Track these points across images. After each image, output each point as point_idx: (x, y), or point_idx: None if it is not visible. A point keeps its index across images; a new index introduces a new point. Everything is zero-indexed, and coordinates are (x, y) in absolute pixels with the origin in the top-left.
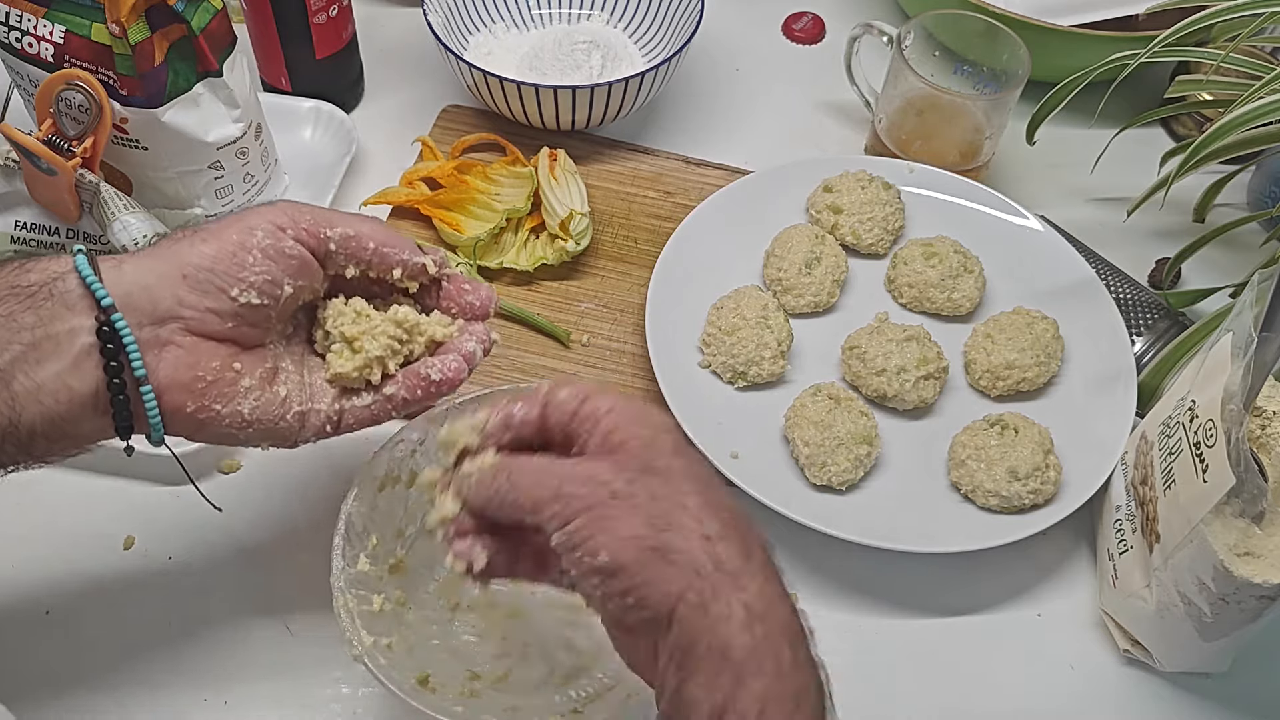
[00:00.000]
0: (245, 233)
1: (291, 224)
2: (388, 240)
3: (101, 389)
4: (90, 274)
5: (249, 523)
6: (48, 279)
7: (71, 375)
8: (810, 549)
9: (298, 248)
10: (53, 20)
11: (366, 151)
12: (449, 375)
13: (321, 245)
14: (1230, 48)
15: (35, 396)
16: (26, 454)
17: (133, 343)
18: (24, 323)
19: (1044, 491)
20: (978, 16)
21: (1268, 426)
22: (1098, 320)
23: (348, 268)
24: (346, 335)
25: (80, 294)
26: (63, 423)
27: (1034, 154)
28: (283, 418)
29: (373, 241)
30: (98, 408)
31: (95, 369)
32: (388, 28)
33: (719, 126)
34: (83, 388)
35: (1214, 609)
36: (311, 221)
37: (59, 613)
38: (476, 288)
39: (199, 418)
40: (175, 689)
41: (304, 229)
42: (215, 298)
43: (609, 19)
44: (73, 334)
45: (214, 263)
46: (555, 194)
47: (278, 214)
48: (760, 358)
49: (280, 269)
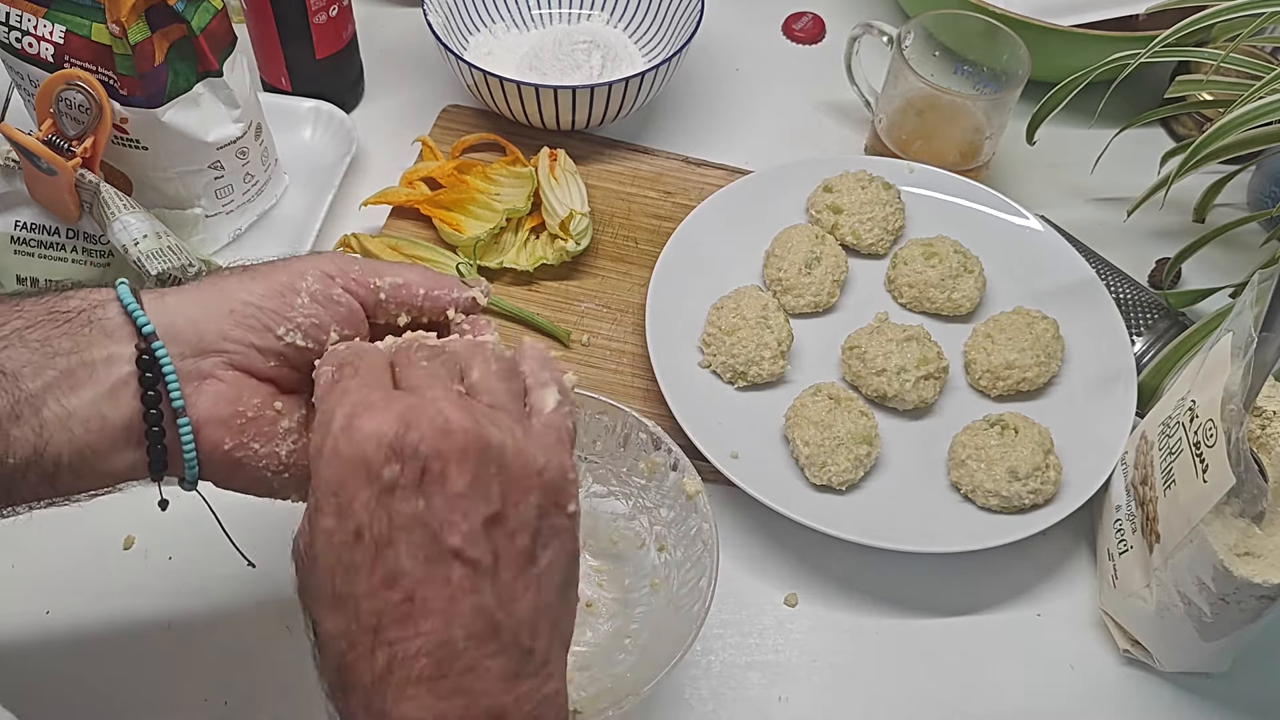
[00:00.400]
0: (295, 276)
1: (340, 274)
2: (436, 284)
3: (136, 420)
4: (132, 301)
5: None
6: (88, 306)
7: (106, 403)
8: (810, 549)
9: (346, 296)
10: (53, 20)
11: (366, 151)
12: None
13: (371, 296)
14: (1230, 48)
15: (65, 424)
16: (50, 487)
17: (172, 372)
18: (60, 348)
19: (1044, 491)
20: (978, 16)
21: (1268, 426)
22: (1098, 320)
23: (399, 315)
24: None
25: (121, 321)
26: (91, 454)
27: (1034, 154)
28: None
29: (422, 288)
30: (130, 440)
31: (131, 398)
32: (388, 28)
33: (719, 126)
34: (116, 417)
35: (1214, 609)
36: (360, 272)
37: (59, 613)
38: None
39: (235, 456)
40: (175, 689)
41: (353, 279)
42: (261, 335)
43: (609, 19)
44: (110, 361)
45: (263, 300)
46: (555, 194)
47: (326, 263)
48: (760, 358)
49: (328, 315)
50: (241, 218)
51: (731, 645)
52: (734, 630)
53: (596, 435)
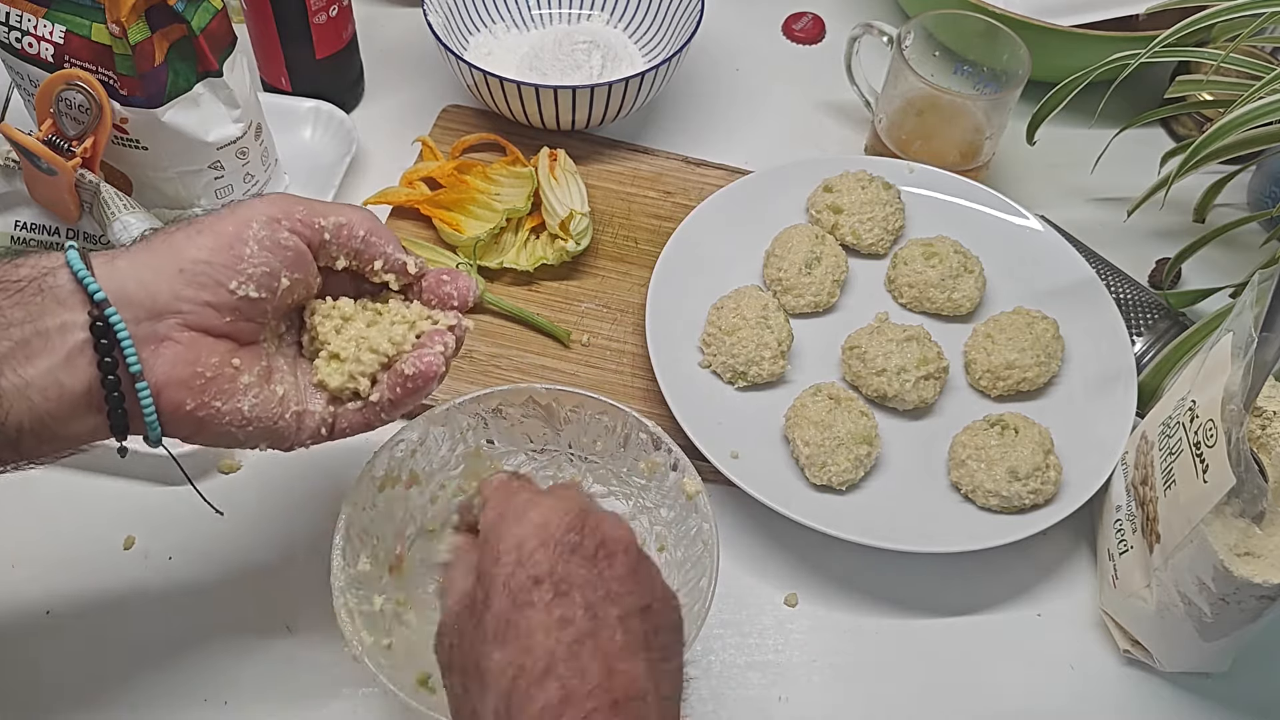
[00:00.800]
0: (241, 225)
1: (286, 215)
2: (375, 229)
3: (95, 386)
4: (82, 268)
5: (249, 523)
6: (38, 274)
7: (63, 372)
8: (810, 549)
9: (293, 239)
10: (53, 20)
11: (366, 151)
12: (422, 369)
13: (316, 236)
14: (1230, 48)
15: (24, 394)
16: (15, 453)
17: (128, 338)
18: (13, 318)
19: (1044, 491)
20: (978, 16)
21: (1268, 426)
22: (1098, 320)
23: (339, 258)
24: (332, 351)
25: (72, 289)
26: (53, 421)
27: (1034, 154)
28: (281, 416)
29: (362, 230)
30: (91, 406)
31: (89, 365)
32: (388, 28)
33: (719, 126)
34: (75, 385)
35: (1214, 609)
36: (305, 212)
37: (59, 613)
38: (455, 277)
39: (198, 415)
40: (175, 689)
41: (299, 219)
42: (213, 291)
43: (609, 19)
44: (64, 329)
45: (211, 255)
46: (555, 194)
47: (271, 206)
48: (760, 358)
49: (278, 260)
50: None
51: (731, 645)
52: (734, 630)
53: (597, 435)
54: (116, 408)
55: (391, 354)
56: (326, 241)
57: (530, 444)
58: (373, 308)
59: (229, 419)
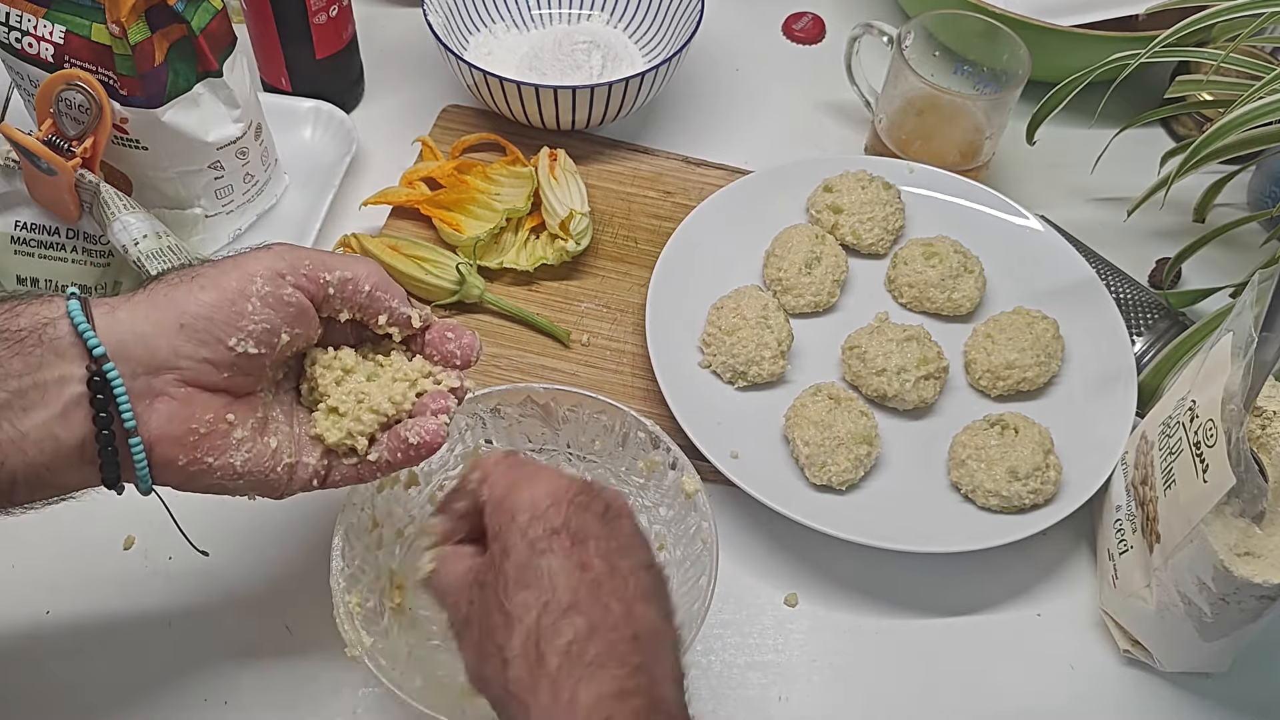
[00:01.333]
0: (244, 280)
1: (291, 269)
2: (380, 284)
3: (89, 440)
4: (83, 320)
5: (249, 523)
6: (38, 324)
7: (58, 425)
8: (810, 549)
9: (296, 294)
10: (53, 20)
11: (366, 151)
12: (427, 439)
13: (321, 290)
14: (1230, 48)
15: (19, 445)
16: (7, 500)
17: (124, 393)
18: (11, 369)
19: (1044, 491)
20: (978, 16)
21: (1268, 426)
22: (1098, 320)
23: (341, 311)
24: (331, 405)
25: (71, 341)
26: (46, 472)
27: (1034, 154)
28: (273, 469)
29: (368, 285)
30: (84, 458)
31: (84, 418)
32: (388, 28)
33: (719, 126)
34: (69, 438)
35: (1214, 609)
36: (310, 266)
37: (59, 613)
38: (459, 335)
39: (189, 470)
40: (175, 689)
41: (304, 274)
42: (212, 348)
43: (609, 19)
44: (62, 382)
45: (213, 311)
46: (555, 194)
47: (276, 259)
48: (760, 358)
49: (279, 317)
50: (241, 218)
51: (731, 645)
52: (734, 630)
53: (595, 434)
54: (110, 461)
55: (391, 414)
56: (331, 295)
57: (528, 443)
58: (374, 359)
59: (220, 473)
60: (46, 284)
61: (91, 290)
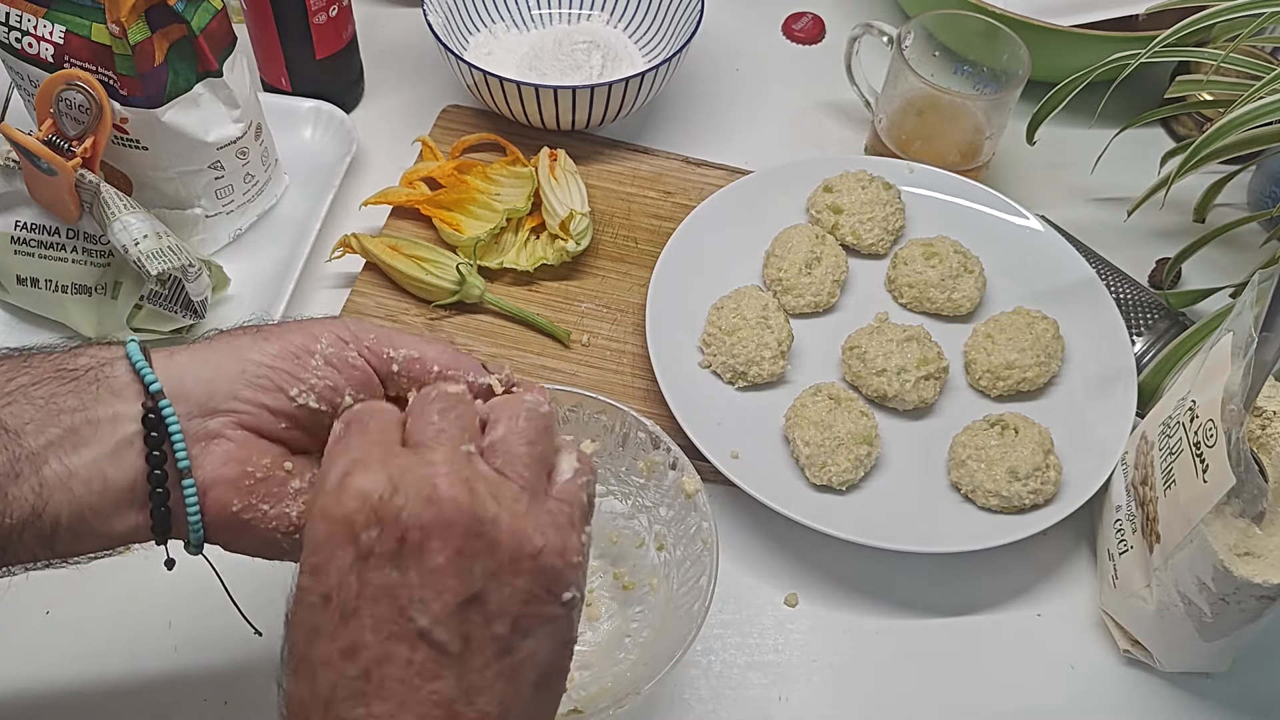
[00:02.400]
0: (309, 338)
1: (354, 339)
2: (454, 363)
3: (140, 480)
4: (141, 359)
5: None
6: (96, 364)
7: (109, 463)
8: (810, 549)
9: (362, 360)
10: (53, 20)
11: (366, 151)
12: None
13: (385, 366)
14: (1230, 48)
15: (66, 483)
16: (49, 549)
17: (178, 432)
18: (64, 405)
19: (1044, 491)
20: (978, 16)
21: (1268, 426)
22: (1098, 320)
23: (410, 390)
24: None
25: (129, 380)
26: (92, 515)
27: (1034, 154)
28: None
29: (438, 365)
30: (133, 502)
31: (136, 458)
32: (388, 28)
33: (719, 126)
34: (119, 477)
35: (1214, 609)
36: (375, 341)
37: (59, 613)
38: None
39: (244, 518)
40: (175, 689)
41: (367, 346)
42: (273, 395)
43: (609, 19)
44: (116, 420)
45: (275, 361)
46: (555, 194)
47: (341, 328)
48: (760, 358)
49: (343, 378)
50: (241, 218)
51: (731, 645)
52: (734, 630)
53: (595, 434)
54: (160, 505)
55: None
56: (395, 373)
57: None
58: None
59: (275, 524)
60: (46, 284)
61: (91, 290)
